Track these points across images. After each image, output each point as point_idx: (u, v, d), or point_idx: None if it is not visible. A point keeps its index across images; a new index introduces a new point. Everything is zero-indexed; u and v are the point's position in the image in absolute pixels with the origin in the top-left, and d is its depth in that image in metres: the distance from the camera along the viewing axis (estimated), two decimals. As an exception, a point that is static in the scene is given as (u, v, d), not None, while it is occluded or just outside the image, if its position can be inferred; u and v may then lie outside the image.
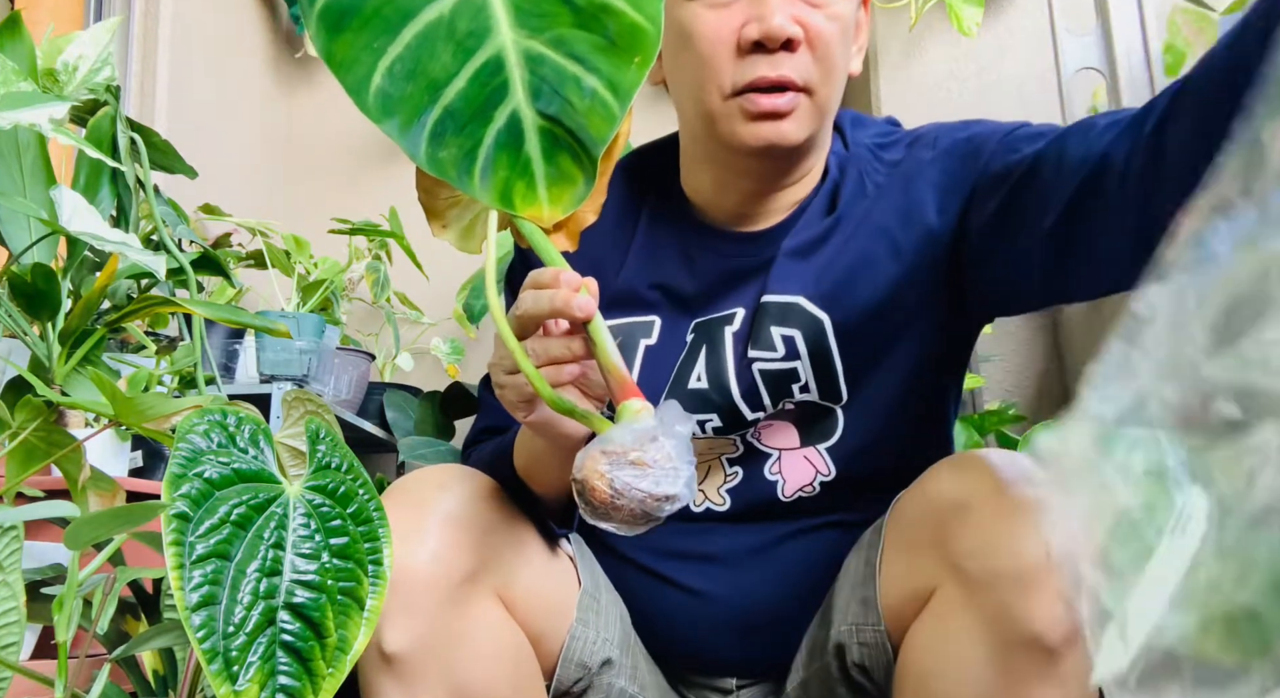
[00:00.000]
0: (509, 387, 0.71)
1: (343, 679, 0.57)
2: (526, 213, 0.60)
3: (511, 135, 0.59)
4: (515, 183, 0.59)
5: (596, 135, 0.59)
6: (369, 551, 0.61)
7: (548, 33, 0.58)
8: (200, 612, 0.54)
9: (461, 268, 2.09)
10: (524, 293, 0.67)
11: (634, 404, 0.61)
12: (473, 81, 0.58)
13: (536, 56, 0.58)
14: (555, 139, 0.59)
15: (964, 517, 0.72)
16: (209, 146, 1.96)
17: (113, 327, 0.90)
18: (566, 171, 0.60)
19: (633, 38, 0.58)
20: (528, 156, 0.59)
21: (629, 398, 0.62)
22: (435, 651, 0.74)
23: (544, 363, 0.66)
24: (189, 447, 0.58)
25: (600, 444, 0.59)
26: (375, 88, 0.58)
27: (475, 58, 0.58)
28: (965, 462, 0.76)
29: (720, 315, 0.92)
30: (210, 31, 2.04)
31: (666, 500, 0.57)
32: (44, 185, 0.90)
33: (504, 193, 0.59)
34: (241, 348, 1.68)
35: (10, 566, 0.62)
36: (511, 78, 0.58)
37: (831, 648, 0.83)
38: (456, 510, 0.78)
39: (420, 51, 0.58)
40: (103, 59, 1.02)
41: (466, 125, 0.59)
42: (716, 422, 0.90)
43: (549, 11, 0.58)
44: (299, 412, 0.72)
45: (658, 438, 0.58)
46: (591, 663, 0.87)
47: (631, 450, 0.58)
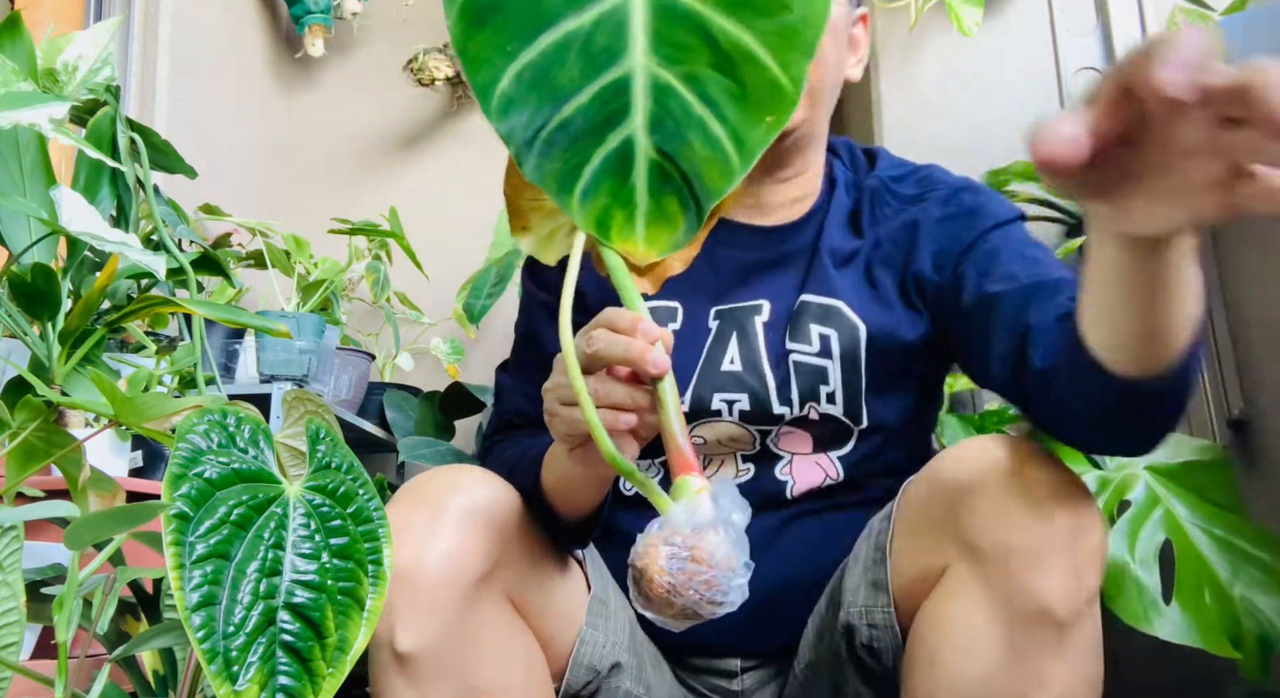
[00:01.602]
0: (562, 418, 0.69)
1: (343, 679, 0.57)
2: (620, 246, 0.58)
3: (621, 162, 0.56)
4: (615, 212, 0.57)
5: (711, 187, 0.56)
6: (369, 550, 0.61)
7: (682, 67, 0.55)
8: (200, 612, 0.54)
9: (461, 268, 2.09)
10: (597, 331, 0.64)
11: (693, 482, 0.58)
12: (595, 98, 0.55)
13: (665, 87, 0.55)
14: (665, 176, 0.57)
15: (974, 496, 0.74)
16: (209, 147, 1.96)
17: (113, 327, 0.90)
18: (670, 213, 0.57)
19: (770, 94, 0.55)
20: (632, 187, 0.57)
21: (688, 473, 0.59)
22: (448, 651, 0.75)
23: (603, 405, 0.63)
24: (189, 447, 0.58)
25: (660, 531, 0.57)
26: (500, 90, 0.55)
27: (603, 75, 0.55)
28: (973, 446, 0.78)
29: (746, 305, 0.97)
30: (210, 31, 2.04)
31: (718, 606, 0.56)
32: (44, 185, 0.90)
33: (601, 219, 0.57)
34: (241, 348, 1.68)
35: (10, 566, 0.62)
36: (634, 103, 0.56)
37: (840, 630, 0.84)
38: (470, 512, 0.78)
39: (552, 60, 0.55)
40: (103, 59, 1.02)
41: (578, 141, 0.56)
42: (744, 405, 0.93)
43: (689, 44, 0.55)
44: (299, 412, 0.72)
45: (718, 530, 0.56)
46: (601, 667, 0.87)
47: (690, 541, 0.55)
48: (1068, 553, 0.70)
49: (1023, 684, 0.71)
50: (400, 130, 2.30)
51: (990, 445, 0.77)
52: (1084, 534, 0.72)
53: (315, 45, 2.15)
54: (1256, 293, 1.08)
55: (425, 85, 2.13)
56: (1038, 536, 0.70)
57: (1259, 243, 1.07)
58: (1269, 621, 0.89)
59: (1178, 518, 0.98)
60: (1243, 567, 0.93)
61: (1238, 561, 0.93)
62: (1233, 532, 0.96)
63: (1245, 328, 1.11)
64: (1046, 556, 0.70)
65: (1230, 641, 0.89)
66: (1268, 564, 0.93)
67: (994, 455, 0.75)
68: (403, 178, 2.27)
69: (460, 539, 0.76)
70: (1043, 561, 0.70)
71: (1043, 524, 0.71)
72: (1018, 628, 0.71)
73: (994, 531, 0.72)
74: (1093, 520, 0.73)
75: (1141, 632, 0.91)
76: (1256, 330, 1.08)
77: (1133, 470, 1.03)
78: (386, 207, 1.91)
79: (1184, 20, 1.37)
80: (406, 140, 2.30)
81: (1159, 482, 1.01)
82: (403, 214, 1.88)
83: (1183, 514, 0.98)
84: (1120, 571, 0.93)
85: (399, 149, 2.30)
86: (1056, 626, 0.70)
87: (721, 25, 0.55)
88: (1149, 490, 1.00)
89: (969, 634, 0.73)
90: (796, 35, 0.54)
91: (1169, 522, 0.97)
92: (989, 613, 0.72)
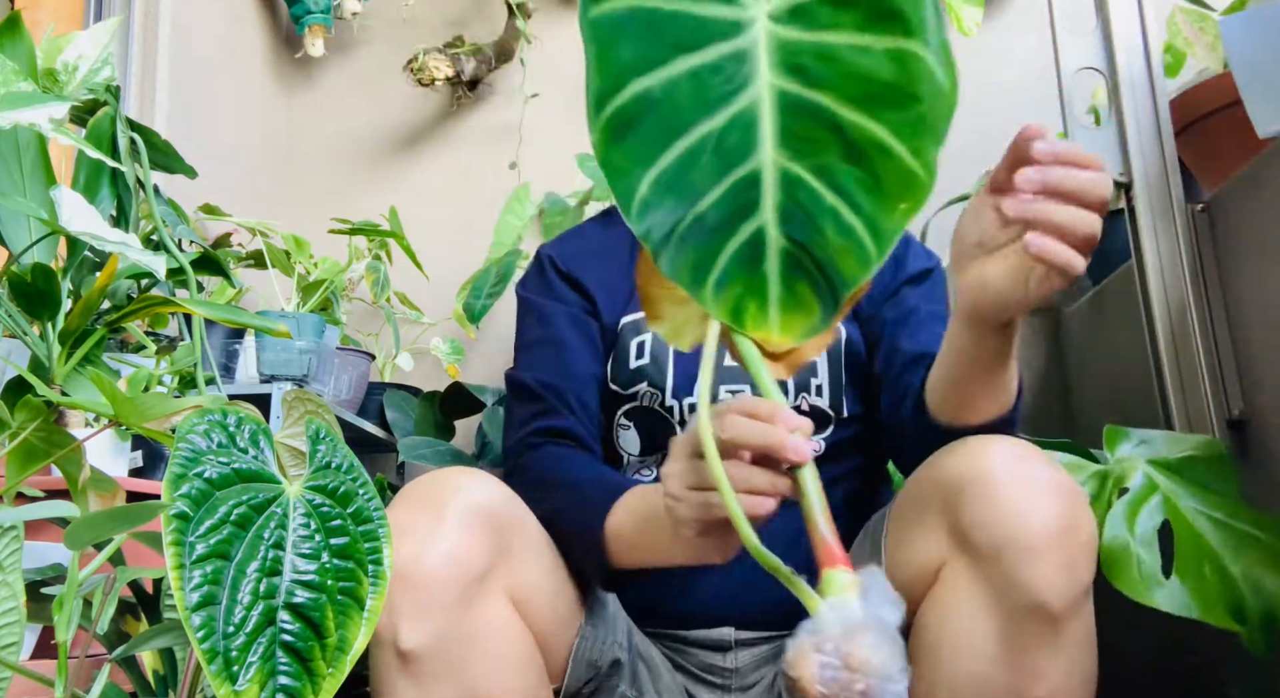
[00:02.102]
0: (689, 503, 0.67)
1: (343, 679, 0.57)
2: (754, 333, 0.59)
3: (752, 252, 0.58)
4: (748, 301, 0.59)
5: (847, 275, 0.57)
6: (369, 550, 0.61)
7: (812, 159, 0.57)
8: (200, 612, 0.54)
9: (461, 268, 2.09)
10: (731, 416, 0.62)
11: (841, 577, 0.56)
12: (726, 194, 0.57)
13: (795, 179, 0.57)
14: (798, 265, 0.58)
15: (970, 492, 0.75)
16: (209, 146, 1.96)
17: (113, 327, 0.90)
18: (804, 300, 0.58)
19: (903, 182, 0.56)
20: (764, 276, 0.58)
21: (834, 566, 0.56)
22: (449, 650, 0.75)
23: (741, 491, 0.61)
24: (189, 447, 0.58)
25: (810, 636, 0.54)
26: (640, 197, 0.57)
27: (735, 171, 0.57)
28: (968, 445, 0.79)
29: None
30: (210, 31, 2.04)
31: None
32: (44, 185, 0.90)
33: (735, 309, 0.59)
34: (241, 348, 1.68)
35: (10, 566, 0.62)
36: (764, 196, 0.57)
37: None
38: (471, 512, 0.79)
39: (687, 163, 0.57)
40: (103, 59, 1.02)
41: (711, 235, 0.58)
42: (748, 393, 1.01)
43: (818, 138, 0.57)
44: (299, 412, 0.72)
45: (870, 632, 0.53)
46: (601, 663, 0.88)
47: (843, 646, 0.53)
48: (1060, 548, 0.72)
49: (1018, 678, 0.73)
50: (400, 130, 2.30)
51: (984, 444, 0.78)
52: (1076, 529, 0.73)
53: (315, 45, 2.15)
54: (1256, 293, 1.08)
55: (425, 85, 2.13)
56: (1030, 531, 0.72)
57: (1259, 243, 1.07)
58: (1272, 595, 0.89)
59: (1176, 501, 0.98)
60: (1244, 547, 0.93)
61: (1238, 541, 0.93)
62: (1231, 515, 0.96)
63: (1245, 328, 1.11)
64: (1039, 550, 0.71)
65: (1232, 615, 0.89)
66: (1267, 544, 0.92)
67: (987, 454, 0.77)
68: (403, 178, 2.27)
69: (461, 539, 0.77)
70: (1035, 555, 0.71)
71: (1035, 520, 0.72)
72: (1012, 623, 0.72)
73: (987, 527, 0.73)
74: (1084, 515, 0.75)
75: (1144, 628, 0.91)
76: (1256, 330, 1.08)
77: (1131, 464, 1.03)
78: (386, 207, 1.91)
79: (1184, 20, 1.36)
80: (406, 140, 2.30)
81: (1158, 471, 1.01)
82: (403, 214, 1.88)
83: (1182, 500, 0.98)
84: (1121, 548, 0.93)
85: (399, 149, 2.30)
86: (1050, 620, 0.71)
87: (850, 119, 0.56)
88: (1147, 479, 1.00)
89: (965, 630, 0.75)
90: (926, 125, 0.56)
91: (1167, 505, 0.97)
92: (984, 608, 0.73)
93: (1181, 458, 1.03)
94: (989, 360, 0.80)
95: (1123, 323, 1.40)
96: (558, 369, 1.04)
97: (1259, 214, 1.06)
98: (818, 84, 0.57)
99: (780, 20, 0.58)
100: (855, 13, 0.57)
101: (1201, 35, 1.33)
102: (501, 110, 2.23)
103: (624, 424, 1.06)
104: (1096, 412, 1.59)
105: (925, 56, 0.56)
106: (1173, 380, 1.18)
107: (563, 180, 2.11)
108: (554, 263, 1.12)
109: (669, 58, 0.57)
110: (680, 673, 0.98)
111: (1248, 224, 1.09)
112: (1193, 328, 1.16)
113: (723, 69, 0.57)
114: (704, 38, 0.57)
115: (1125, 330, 1.39)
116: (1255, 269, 1.08)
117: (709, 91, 0.57)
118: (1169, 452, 1.04)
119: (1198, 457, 1.03)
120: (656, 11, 0.57)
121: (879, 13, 0.56)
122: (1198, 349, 1.15)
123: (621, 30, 0.57)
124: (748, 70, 0.57)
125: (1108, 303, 1.51)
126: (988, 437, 0.80)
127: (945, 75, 0.56)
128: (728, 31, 0.57)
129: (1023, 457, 0.76)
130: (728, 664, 0.96)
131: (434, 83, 2.12)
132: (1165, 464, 1.03)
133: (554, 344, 1.06)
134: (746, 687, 0.96)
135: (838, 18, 0.57)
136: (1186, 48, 1.35)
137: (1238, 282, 1.12)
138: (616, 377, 1.06)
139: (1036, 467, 0.75)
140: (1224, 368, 1.13)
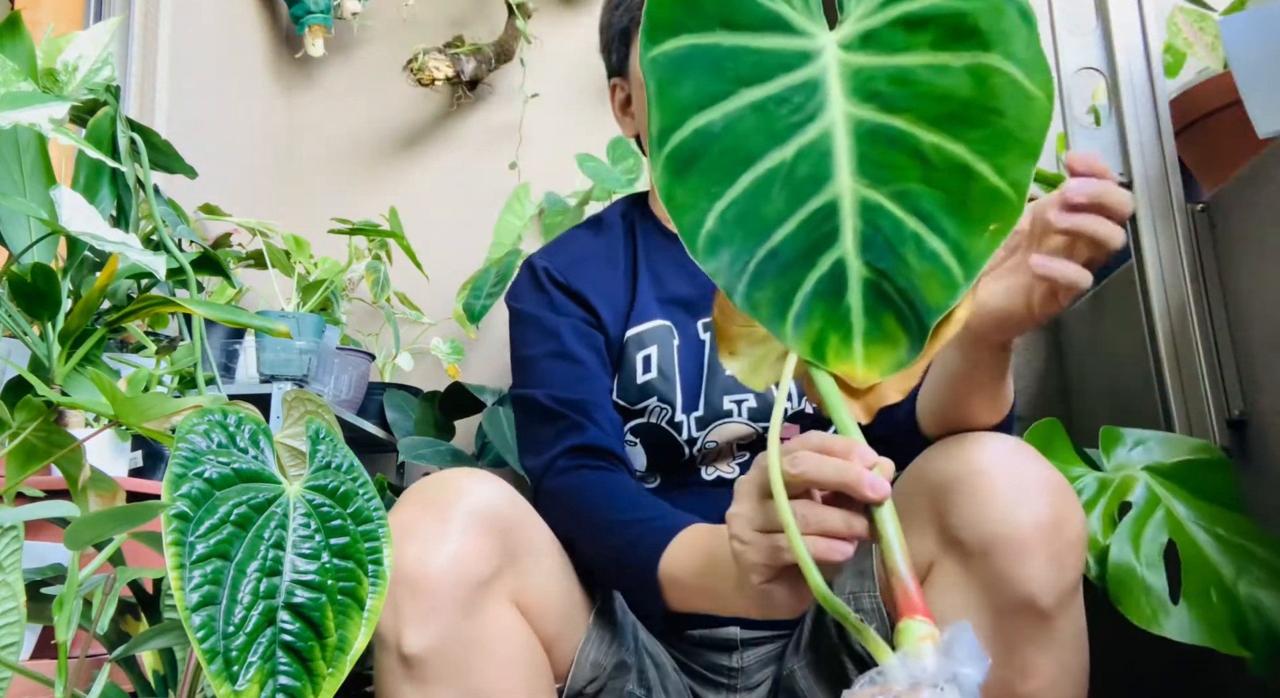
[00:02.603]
0: (757, 547, 0.63)
1: (343, 679, 0.57)
2: (838, 368, 0.57)
3: (833, 284, 0.56)
4: (830, 334, 0.57)
5: (932, 301, 0.55)
6: (369, 550, 0.61)
7: (891, 185, 0.56)
8: (200, 612, 0.54)
9: (461, 268, 2.09)
10: (803, 453, 0.59)
11: (918, 629, 0.52)
12: (802, 226, 0.56)
13: (874, 206, 0.56)
14: (881, 294, 0.56)
15: (957, 490, 0.75)
16: (209, 146, 1.96)
17: (113, 327, 0.90)
18: (889, 332, 0.57)
19: (991, 203, 0.54)
20: (847, 308, 0.57)
21: (912, 615, 0.52)
22: (453, 654, 0.75)
23: (814, 532, 0.58)
24: (189, 447, 0.58)
25: (870, 687, 0.50)
26: (706, 232, 0.56)
27: (809, 203, 0.56)
28: (956, 442, 0.79)
29: None
30: (210, 31, 2.04)
31: None
32: (44, 185, 0.90)
33: (816, 344, 0.57)
34: (241, 348, 1.68)
35: (10, 566, 0.62)
36: (843, 226, 0.56)
37: (830, 619, 0.87)
38: (475, 515, 0.79)
39: (756, 196, 0.56)
40: (103, 59, 1.02)
41: (788, 268, 0.56)
42: (752, 402, 1.00)
43: (896, 163, 0.55)
44: (299, 412, 0.72)
45: (939, 690, 0.49)
46: (606, 664, 0.88)
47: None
48: (1048, 543, 0.72)
49: (1009, 675, 0.73)
50: (400, 130, 2.30)
51: (971, 442, 0.78)
52: (1064, 525, 0.73)
53: (315, 45, 2.15)
54: (1256, 293, 1.08)
55: (425, 85, 2.13)
56: (1018, 527, 0.72)
57: (1259, 243, 1.07)
58: (1276, 618, 0.90)
59: (1180, 518, 0.98)
60: (1247, 566, 0.93)
61: (1241, 559, 0.93)
62: (1234, 531, 0.96)
63: (1245, 328, 1.11)
64: (1027, 546, 0.71)
65: (1238, 638, 0.89)
66: (1270, 563, 0.93)
67: (975, 450, 0.77)
68: (403, 178, 2.27)
69: (466, 542, 0.77)
70: (1024, 551, 0.71)
71: (1023, 516, 0.72)
72: (1002, 619, 0.73)
73: (975, 523, 0.73)
74: (1073, 511, 0.75)
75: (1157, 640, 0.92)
76: (1257, 330, 1.08)
77: (1131, 472, 1.03)
78: (386, 207, 1.91)
79: (1184, 20, 1.36)
80: (406, 140, 2.30)
81: (1158, 482, 1.01)
82: (403, 214, 1.88)
83: (1184, 514, 0.98)
84: (1127, 573, 0.93)
85: (399, 149, 2.30)
86: (1040, 616, 0.72)
87: (930, 140, 0.55)
88: (1149, 492, 1.00)
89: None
90: (1013, 139, 0.54)
91: (1171, 522, 0.97)
92: (975, 606, 0.74)
93: (1179, 463, 1.03)
94: (986, 380, 0.80)
95: (1123, 323, 1.40)
96: (574, 384, 1.01)
97: (1259, 214, 1.06)
98: (894, 108, 0.56)
99: (851, 48, 0.57)
100: (930, 33, 0.56)
101: (1201, 35, 1.33)
102: (501, 110, 2.23)
103: (630, 440, 1.04)
104: (1096, 412, 1.59)
105: (1007, 69, 0.55)
106: (1173, 380, 1.18)
107: (563, 180, 2.11)
108: (550, 274, 1.09)
109: (731, 91, 0.56)
110: (685, 673, 0.98)
111: (1248, 224, 1.09)
112: (1193, 328, 1.16)
113: (789, 100, 0.56)
114: (768, 70, 0.56)
115: (1125, 330, 1.39)
116: (1255, 269, 1.08)
117: (776, 123, 0.56)
118: (1166, 456, 1.04)
119: (1195, 461, 1.03)
120: (716, 48, 0.57)
121: (955, 30, 0.55)
122: (1198, 349, 1.15)
123: (682, 68, 0.57)
124: (819, 99, 0.56)
125: (1108, 303, 1.51)
126: (975, 434, 0.80)
127: (1036, 85, 0.55)
128: (794, 63, 0.57)
129: (1010, 454, 0.76)
130: (733, 664, 0.96)
131: (434, 83, 2.12)
132: (1164, 471, 1.03)
133: (564, 358, 1.03)
134: (752, 686, 0.96)
135: (911, 39, 0.56)
136: (1186, 48, 1.35)
137: (1238, 282, 1.12)
138: (623, 392, 1.03)
139: (1024, 463, 0.75)
140: (1224, 368, 1.13)
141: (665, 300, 1.06)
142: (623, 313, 1.07)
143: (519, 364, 1.06)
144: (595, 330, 1.06)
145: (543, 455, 0.97)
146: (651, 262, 1.09)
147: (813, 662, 0.90)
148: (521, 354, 1.06)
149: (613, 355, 1.05)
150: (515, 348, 1.08)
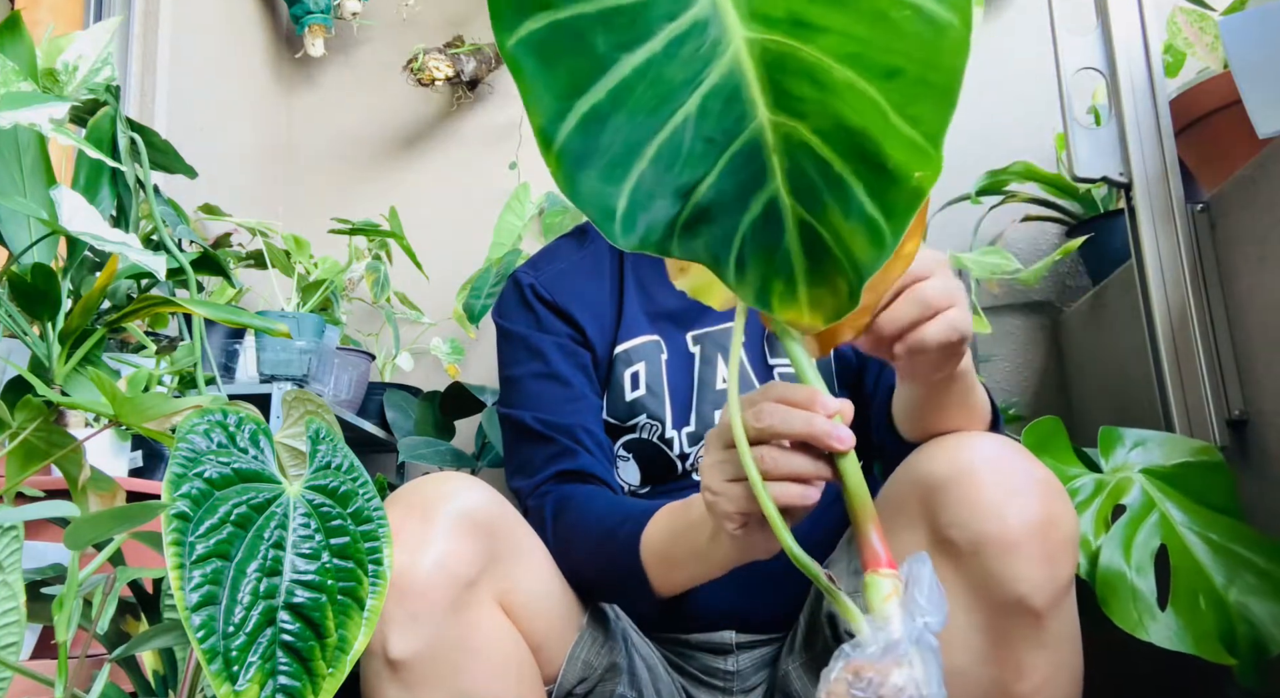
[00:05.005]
0: (728, 496, 0.64)
1: (343, 679, 0.57)
2: (785, 315, 0.54)
3: (769, 225, 0.53)
4: (774, 281, 0.54)
5: (860, 258, 0.52)
6: (369, 550, 0.61)
7: (811, 120, 0.50)
8: (200, 612, 0.54)
9: (461, 268, 2.09)
10: (767, 404, 0.59)
11: (883, 585, 0.53)
12: (726, 169, 0.52)
13: (799, 143, 0.51)
14: (818, 238, 0.52)
15: (948, 491, 0.75)
16: (209, 146, 1.96)
17: (113, 327, 0.90)
18: (829, 276, 0.53)
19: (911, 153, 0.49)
20: (786, 251, 0.53)
21: (878, 568, 0.54)
22: (440, 658, 0.75)
23: (782, 477, 0.58)
24: (189, 447, 0.58)
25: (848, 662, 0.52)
26: (620, 213, 0.52)
27: (731, 146, 0.51)
28: (946, 442, 0.79)
29: (721, 328, 1.04)
30: (210, 31, 2.04)
31: None
32: (44, 185, 0.90)
33: (761, 290, 0.54)
34: (241, 348, 1.68)
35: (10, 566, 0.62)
36: (770, 162, 0.51)
37: (824, 618, 0.87)
38: (460, 517, 0.78)
39: (667, 157, 0.51)
40: (103, 59, 1.02)
41: (718, 217, 0.53)
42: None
43: (813, 97, 0.50)
44: (299, 412, 0.72)
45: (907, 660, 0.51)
46: (597, 664, 0.87)
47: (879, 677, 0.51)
48: (1039, 542, 0.72)
49: (1002, 674, 0.73)
50: (400, 130, 2.30)
51: (962, 440, 0.78)
52: (1055, 524, 0.73)
53: (315, 45, 2.15)
54: (1256, 293, 1.08)
55: (425, 85, 2.13)
56: (1009, 526, 0.72)
57: (1259, 243, 1.07)
58: (1263, 626, 0.89)
59: (1173, 523, 0.97)
60: (1238, 572, 0.93)
61: (1233, 565, 0.93)
62: (1229, 537, 0.95)
63: (1245, 328, 1.11)
64: (1019, 545, 0.71)
65: (1225, 646, 0.89)
66: (1263, 569, 0.92)
67: (965, 449, 0.77)
68: (403, 178, 2.27)
69: (450, 545, 0.76)
70: (1015, 550, 0.71)
71: (1014, 515, 0.72)
72: (995, 619, 0.73)
73: (966, 523, 0.73)
74: (1064, 510, 0.75)
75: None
76: (1256, 330, 1.08)
77: (1128, 475, 1.03)
78: (386, 207, 1.91)
79: (1184, 20, 1.36)
80: (406, 140, 2.30)
81: (1155, 485, 1.01)
82: (403, 214, 1.88)
83: (1178, 519, 0.98)
84: (1116, 577, 0.93)
85: (399, 149, 2.30)
86: (1033, 615, 0.71)
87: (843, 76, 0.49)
88: (1145, 495, 1.00)
89: (950, 629, 0.74)
90: (924, 86, 0.49)
91: (1164, 527, 0.97)
92: (968, 606, 0.73)
93: (1177, 465, 1.03)
94: (952, 401, 0.81)
95: (1123, 323, 1.40)
96: (561, 406, 1.00)
97: (1259, 214, 1.06)
98: (799, 36, 0.49)
99: None
100: None
101: (1201, 35, 1.33)
102: (501, 110, 2.23)
103: (623, 455, 1.04)
104: (1096, 412, 1.59)
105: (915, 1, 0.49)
106: (1173, 380, 1.18)
107: (563, 180, 2.11)
108: (536, 291, 1.07)
109: (611, 62, 0.50)
110: (681, 676, 0.98)
111: (1248, 224, 1.09)
112: (1193, 328, 1.16)
113: (680, 50, 0.50)
114: (648, 24, 0.50)
115: (1125, 330, 1.39)
116: (1255, 269, 1.08)
117: (671, 79, 0.50)
118: (1164, 457, 1.04)
119: (1194, 464, 1.03)
120: (580, 18, 0.49)
121: None
122: (1198, 349, 1.15)
123: (547, 52, 0.50)
124: (715, 34, 0.49)
125: (1108, 303, 1.51)
126: (965, 433, 0.80)
127: (947, 7, 0.49)
128: (675, 8, 0.49)
129: (1000, 452, 0.76)
130: (729, 667, 0.96)
131: (434, 83, 2.12)
132: (1161, 473, 1.02)
133: (551, 379, 1.02)
134: (747, 689, 0.96)
135: None
136: (1186, 48, 1.35)
137: (1238, 282, 1.12)
138: (612, 409, 1.03)
139: (1014, 462, 0.75)
140: (1224, 368, 1.13)
141: (652, 314, 1.05)
142: (609, 329, 1.06)
143: (506, 383, 1.06)
144: (582, 348, 1.05)
145: (532, 478, 0.98)
146: (639, 273, 1.08)
147: (807, 662, 0.90)
148: (509, 373, 1.06)
149: (600, 372, 1.05)
150: (502, 366, 1.07)
